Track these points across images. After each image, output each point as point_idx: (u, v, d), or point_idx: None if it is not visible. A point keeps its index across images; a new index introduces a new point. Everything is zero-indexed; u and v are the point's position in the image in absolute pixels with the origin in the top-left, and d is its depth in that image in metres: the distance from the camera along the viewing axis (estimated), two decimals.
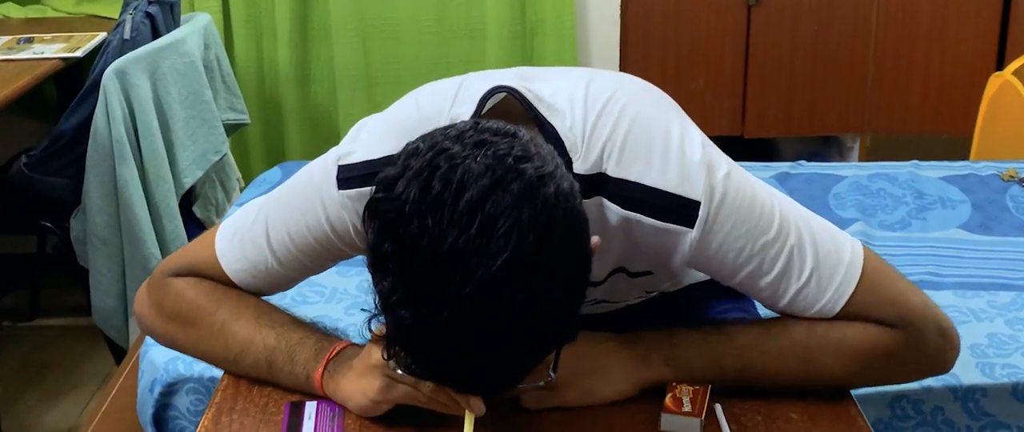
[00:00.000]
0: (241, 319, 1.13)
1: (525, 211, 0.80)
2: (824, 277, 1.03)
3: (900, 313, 1.05)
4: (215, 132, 2.73)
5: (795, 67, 3.22)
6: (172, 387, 1.62)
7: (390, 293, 0.82)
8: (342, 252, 1.11)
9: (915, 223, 2.14)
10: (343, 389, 1.07)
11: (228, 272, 1.14)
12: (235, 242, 1.14)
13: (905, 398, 1.58)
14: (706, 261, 1.03)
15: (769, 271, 1.03)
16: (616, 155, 0.99)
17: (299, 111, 3.28)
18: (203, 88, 2.68)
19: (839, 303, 1.04)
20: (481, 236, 0.79)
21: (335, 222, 1.07)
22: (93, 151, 2.39)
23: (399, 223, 0.81)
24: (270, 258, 1.12)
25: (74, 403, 2.54)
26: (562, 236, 0.83)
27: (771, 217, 1.02)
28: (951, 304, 1.81)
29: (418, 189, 0.81)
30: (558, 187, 0.84)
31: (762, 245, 1.02)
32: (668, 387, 1.08)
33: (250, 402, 1.12)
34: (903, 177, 2.32)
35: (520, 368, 0.87)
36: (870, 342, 1.05)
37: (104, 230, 2.43)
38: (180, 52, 2.57)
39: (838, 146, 3.45)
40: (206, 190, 2.78)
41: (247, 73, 3.23)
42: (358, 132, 1.08)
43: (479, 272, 0.79)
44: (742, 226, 1.01)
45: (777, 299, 1.05)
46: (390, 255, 0.82)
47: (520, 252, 0.79)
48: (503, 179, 0.81)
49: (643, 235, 1.01)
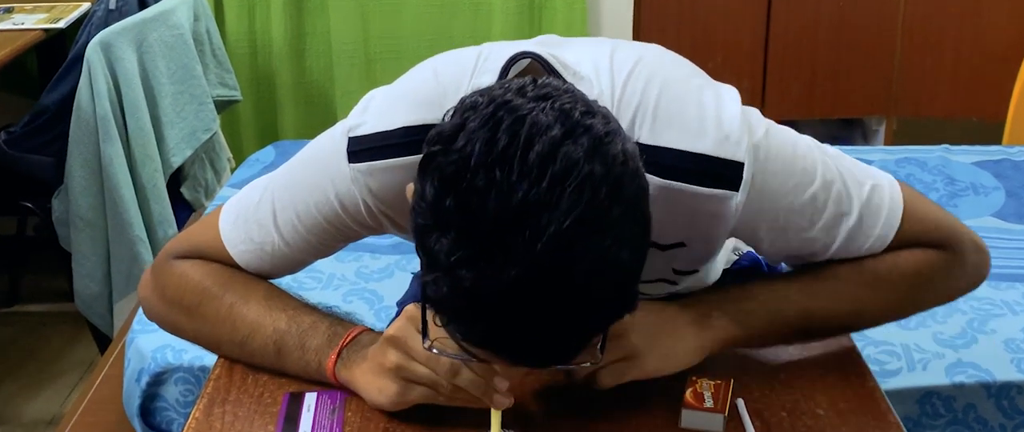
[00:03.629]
0: (250, 302, 1.12)
1: (597, 165, 0.79)
2: (871, 215, 1.06)
3: (941, 234, 1.10)
4: (205, 109, 2.72)
5: (818, 44, 3.20)
6: (160, 377, 1.62)
7: (450, 252, 0.80)
8: (353, 231, 1.10)
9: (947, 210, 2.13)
10: (358, 380, 1.06)
11: (233, 254, 1.14)
12: (240, 223, 1.13)
13: (935, 395, 1.58)
14: (752, 225, 1.03)
15: (818, 222, 1.04)
16: (649, 122, 0.99)
17: (293, 87, 3.27)
18: (192, 62, 2.67)
19: (888, 238, 1.07)
20: (552, 190, 0.78)
21: (345, 199, 1.06)
22: (76, 128, 2.38)
23: (463, 176, 0.79)
24: (277, 239, 1.11)
25: (56, 393, 2.54)
26: (630, 195, 0.82)
27: (814, 167, 1.04)
28: (984, 296, 1.80)
29: (483, 141, 0.80)
30: (624, 146, 0.83)
31: (810, 197, 1.03)
32: (688, 381, 1.07)
33: (244, 392, 1.11)
34: (933, 162, 2.31)
35: (580, 338, 0.86)
36: (917, 267, 1.09)
37: (88, 211, 2.43)
38: (168, 24, 2.56)
39: (863, 130, 3.44)
40: (195, 170, 2.77)
41: (239, 46, 3.22)
42: (368, 103, 1.07)
43: (551, 228, 0.77)
44: (789, 182, 1.02)
45: (828, 247, 1.07)
46: (452, 211, 0.80)
47: (592, 208, 0.78)
48: (572, 132, 0.80)
49: (681, 204, 1.00)
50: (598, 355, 0.92)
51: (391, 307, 1.65)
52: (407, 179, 0.90)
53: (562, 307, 0.80)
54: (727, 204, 1.00)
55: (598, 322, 0.86)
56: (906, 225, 1.07)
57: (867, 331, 1.66)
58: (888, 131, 3.31)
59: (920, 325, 1.70)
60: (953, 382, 1.58)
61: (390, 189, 1.03)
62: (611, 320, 0.87)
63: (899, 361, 1.62)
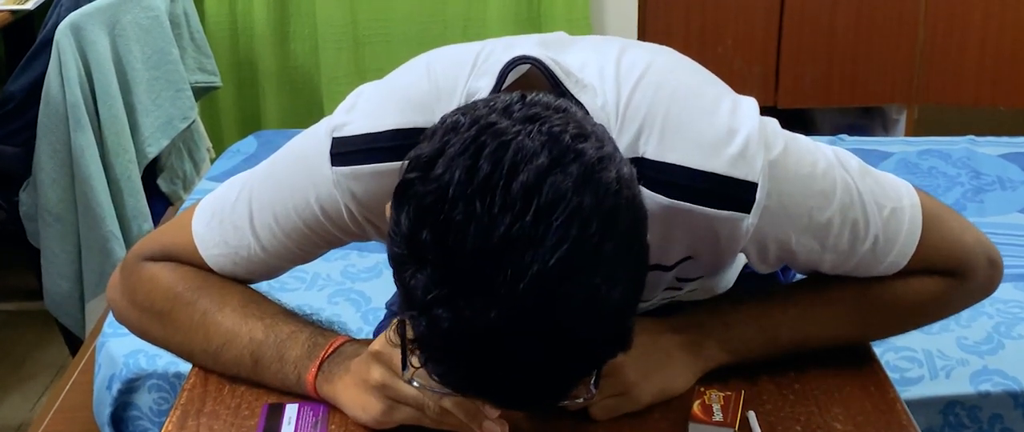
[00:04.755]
0: (224, 309, 1.10)
1: (587, 197, 0.77)
2: (887, 242, 1.06)
3: (957, 261, 1.10)
4: (182, 96, 2.71)
5: (836, 28, 3.19)
6: (132, 384, 1.61)
7: (427, 289, 0.78)
8: (335, 238, 1.09)
9: (971, 206, 2.13)
10: (340, 394, 1.05)
11: (206, 258, 1.12)
12: (214, 224, 1.12)
13: (959, 404, 1.57)
14: (762, 244, 1.02)
15: (830, 245, 1.04)
16: (657, 136, 0.97)
17: (277, 73, 3.26)
18: (169, 46, 2.65)
19: (899, 265, 1.07)
20: (537, 224, 0.75)
21: (327, 204, 1.04)
22: (45, 116, 2.37)
23: (441, 208, 0.77)
24: (253, 243, 1.10)
25: (24, 398, 2.53)
26: (625, 228, 0.80)
27: (833, 189, 1.02)
28: (1011, 298, 1.79)
29: (463, 169, 0.77)
30: (619, 171, 0.81)
31: (825, 221, 1.02)
32: (695, 392, 1.06)
33: (220, 403, 1.10)
34: (958, 154, 2.30)
35: (568, 380, 0.84)
36: (923, 297, 1.10)
37: (57, 205, 2.41)
38: (143, 5, 2.55)
39: (882, 118, 3.43)
40: (172, 161, 2.76)
41: (218, 29, 3.21)
42: (355, 100, 1.05)
43: (535, 266, 0.75)
44: (805, 203, 1.00)
45: (838, 267, 1.07)
46: (429, 245, 0.78)
47: (580, 244, 0.76)
48: (561, 160, 0.78)
49: (688, 224, 0.99)
50: (591, 390, 0.90)
51: (379, 309, 1.64)
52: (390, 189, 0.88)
53: (548, 350, 0.78)
54: (738, 226, 0.98)
55: (588, 364, 0.84)
56: (921, 252, 1.07)
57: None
58: (909, 120, 3.30)
59: (943, 330, 1.70)
60: (978, 391, 1.57)
61: (375, 196, 1.01)
62: (603, 361, 0.85)
63: (921, 369, 1.61)
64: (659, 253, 1.05)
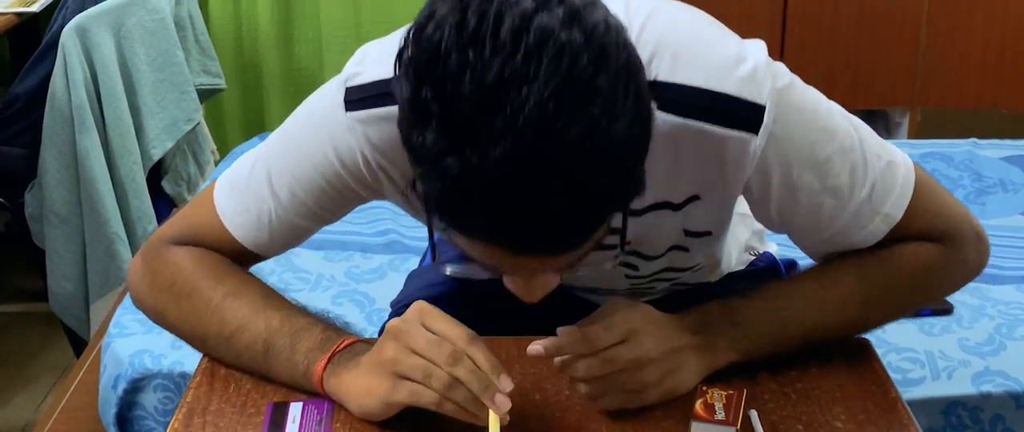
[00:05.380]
0: (243, 296, 1.12)
1: (575, 33, 0.80)
2: (883, 191, 1.08)
3: (945, 226, 1.12)
4: (187, 98, 2.72)
5: (838, 30, 3.20)
6: (138, 383, 1.62)
7: (433, 144, 0.81)
8: (352, 192, 1.10)
9: (973, 208, 2.13)
10: (346, 386, 1.05)
11: (230, 227, 1.14)
12: (235, 194, 1.14)
13: (961, 405, 1.57)
14: (765, 177, 1.04)
15: (832, 188, 1.05)
16: (669, 60, 0.98)
17: (281, 75, 3.27)
18: (174, 48, 2.67)
19: (894, 219, 1.09)
20: (528, 62, 0.78)
21: (343, 152, 1.06)
22: (50, 118, 2.38)
23: (436, 64, 0.81)
24: (274, 206, 1.12)
25: (29, 398, 2.53)
26: (618, 66, 0.81)
27: (835, 129, 1.04)
28: (1013, 300, 1.80)
29: (452, 26, 0.81)
30: (607, 18, 0.83)
31: (826, 157, 1.04)
32: (698, 391, 1.07)
33: (226, 402, 1.11)
34: (960, 157, 2.31)
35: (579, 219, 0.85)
36: (919, 266, 1.12)
37: (62, 207, 2.42)
38: (148, 7, 2.56)
39: (885, 121, 3.44)
40: (177, 163, 2.78)
41: (223, 32, 3.22)
42: (363, 56, 1.07)
43: (530, 101, 0.78)
44: (809, 136, 1.03)
45: (835, 219, 1.08)
46: (429, 101, 0.81)
47: (573, 76, 0.79)
48: (546, 3, 0.81)
49: (696, 150, 1.01)
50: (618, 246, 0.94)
51: (383, 310, 1.65)
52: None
53: (554, 187, 0.81)
54: (745, 148, 1.00)
55: (599, 206, 0.86)
56: (913, 211, 1.09)
57: (889, 337, 1.67)
58: (912, 123, 3.31)
59: (944, 331, 1.70)
60: (980, 391, 1.57)
61: (389, 140, 1.02)
62: (612, 204, 0.87)
63: (922, 369, 1.62)
64: (668, 188, 1.07)
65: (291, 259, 1.92)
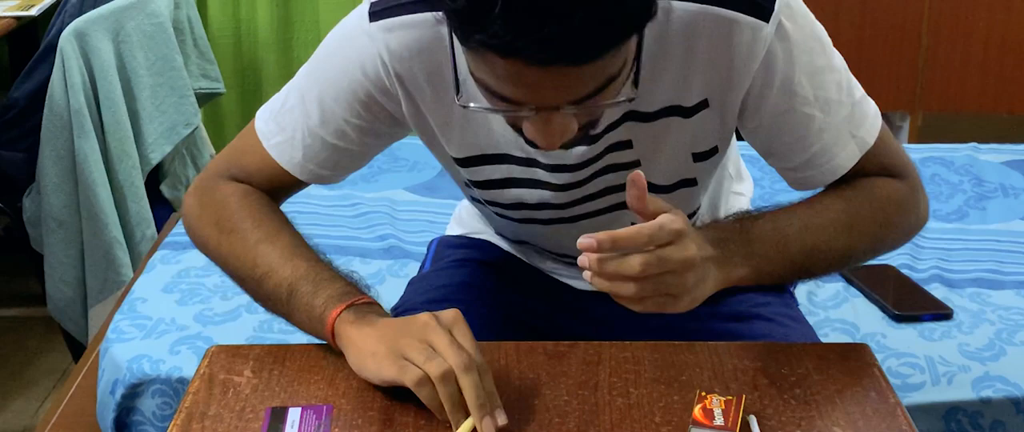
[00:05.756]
0: (276, 242, 1.18)
1: None
2: (860, 115, 1.17)
3: (903, 165, 1.22)
4: (186, 102, 2.72)
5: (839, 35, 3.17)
6: (136, 389, 1.62)
7: None
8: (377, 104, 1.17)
9: (973, 213, 2.14)
10: (354, 339, 1.08)
11: (268, 149, 1.21)
12: (272, 119, 1.21)
13: (961, 410, 1.58)
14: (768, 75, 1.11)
15: (823, 100, 1.14)
16: None
17: (280, 78, 3.27)
18: (173, 52, 2.67)
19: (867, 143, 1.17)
20: None
21: (366, 60, 1.13)
22: (49, 122, 2.38)
23: None
24: (307, 124, 1.18)
25: (27, 403, 2.54)
26: None
27: (829, 48, 1.15)
28: (1014, 305, 1.80)
29: None
30: None
31: (820, 67, 1.14)
32: (697, 396, 1.07)
33: (224, 407, 1.11)
34: (960, 161, 2.31)
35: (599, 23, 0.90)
36: (890, 197, 1.20)
37: (61, 211, 2.43)
38: (147, 11, 2.56)
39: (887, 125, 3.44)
40: (175, 167, 2.78)
41: (222, 35, 3.23)
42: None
43: None
44: (808, 42, 1.12)
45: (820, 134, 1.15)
46: None
47: None
48: None
49: (710, 41, 1.09)
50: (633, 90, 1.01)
51: None
52: (425, 38, 1.08)
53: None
54: (756, 35, 1.08)
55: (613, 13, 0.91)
56: (880, 142, 1.19)
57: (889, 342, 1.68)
58: (913, 127, 3.31)
59: (944, 336, 1.71)
60: (980, 397, 1.58)
61: (407, 48, 1.11)
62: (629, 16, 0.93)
63: (922, 374, 1.62)
64: (680, 90, 1.14)
65: None
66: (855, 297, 1.82)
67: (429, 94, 1.16)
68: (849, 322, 1.75)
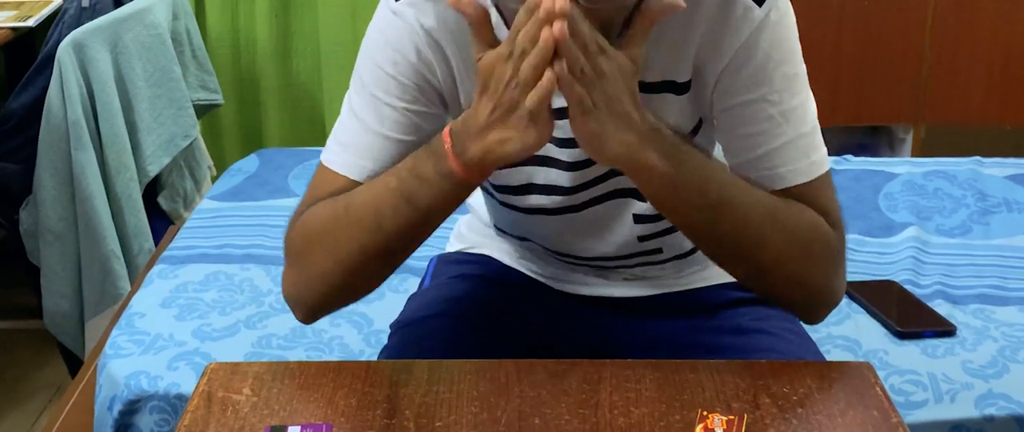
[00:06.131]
0: (357, 194, 1.18)
1: None
2: (811, 146, 1.20)
3: (839, 215, 1.23)
4: (184, 114, 2.73)
5: (841, 45, 3.21)
6: (134, 405, 1.63)
7: None
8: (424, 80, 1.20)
9: (977, 228, 2.14)
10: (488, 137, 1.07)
11: (340, 170, 1.21)
12: (334, 143, 1.23)
13: (965, 428, 1.58)
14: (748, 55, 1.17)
15: (786, 106, 1.18)
16: None
17: (279, 90, 3.28)
18: (171, 64, 2.68)
19: (811, 174, 1.19)
20: None
21: (405, 43, 1.18)
22: (46, 134, 2.39)
23: None
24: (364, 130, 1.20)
25: (23, 416, 2.54)
26: None
27: (802, 65, 1.20)
28: (1016, 322, 1.80)
29: None
30: None
31: (793, 75, 1.19)
32: (698, 417, 1.07)
33: (223, 425, 1.11)
34: (963, 175, 2.32)
35: None
36: (816, 228, 1.20)
37: (58, 223, 2.43)
38: (145, 23, 2.57)
39: (889, 137, 3.45)
40: (173, 179, 2.78)
41: (221, 46, 3.23)
42: None
43: None
44: (786, 45, 1.18)
45: (777, 136, 1.18)
46: None
47: None
48: None
49: (706, 12, 1.15)
50: None
51: (382, 331, 1.65)
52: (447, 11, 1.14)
53: None
54: (749, 15, 1.15)
55: None
56: (826, 184, 1.21)
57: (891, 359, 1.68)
58: (916, 139, 3.31)
59: (947, 353, 1.71)
60: (983, 415, 1.58)
61: (438, 17, 1.18)
62: None
63: (925, 392, 1.62)
64: (675, 62, 1.19)
65: None
66: (858, 313, 1.83)
67: (460, 63, 1.20)
68: (851, 339, 1.75)
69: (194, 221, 2.19)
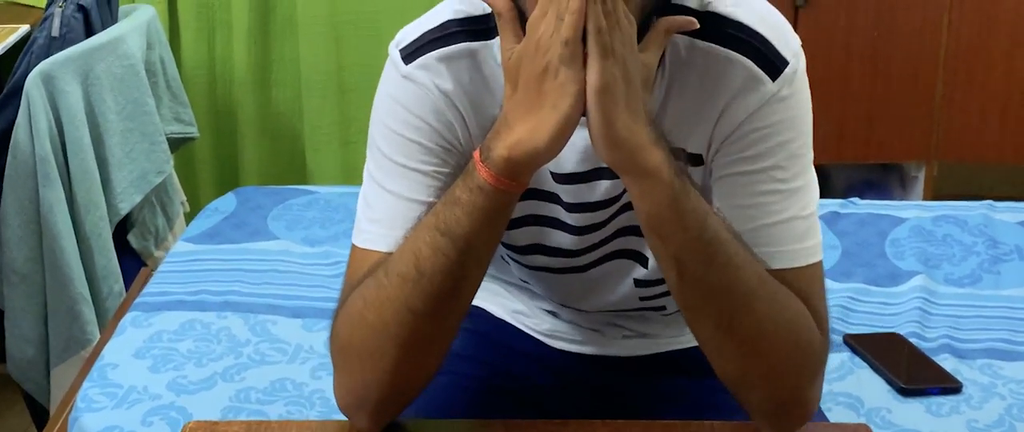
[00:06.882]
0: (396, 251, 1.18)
1: None
2: (807, 232, 1.22)
3: (824, 310, 1.23)
4: (157, 149, 2.76)
5: (850, 80, 3.26)
6: None
7: None
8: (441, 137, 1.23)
9: (987, 277, 2.18)
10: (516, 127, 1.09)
11: (373, 247, 1.23)
12: (361, 223, 1.26)
13: None
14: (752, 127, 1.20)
15: (788, 182, 1.21)
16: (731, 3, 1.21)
17: (257, 121, 3.31)
18: (144, 96, 2.70)
19: (800, 262, 1.21)
20: None
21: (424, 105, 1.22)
22: (12, 169, 2.41)
23: None
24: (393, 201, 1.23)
25: None
26: None
27: (809, 145, 1.23)
28: None
29: None
30: None
31: (797, 155, 1.22)
32: None
33: None
34: (974, 221, 2.35)
35: None
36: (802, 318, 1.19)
37: (24, 264, 2.45)
38: (118, 53, 2.60)
39: (900, 175, 3.49)
40: (144, 216, 2.80)
41: (196, 75, 3.26)
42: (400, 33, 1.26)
43: None
44: (796, 124, 1.22)
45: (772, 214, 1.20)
46: None
47: None
48: None
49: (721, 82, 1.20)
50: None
51: None
52: (463, 67, 1.21)
53: None
54: (758, 91, 1.20)
55: None
56: (817, 277, 1.22)
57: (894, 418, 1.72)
58: (928, 177, 3.35)
59: (952, 411, 1.74)
60: None
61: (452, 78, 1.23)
62: None
63: None
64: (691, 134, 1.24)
65: (268, 328, 1.97)
66: (860, 368, 1.86)
67: (474, 121, 1.24)
68: (854, 395, 1.78)
69: (168, 265, 2.22)
